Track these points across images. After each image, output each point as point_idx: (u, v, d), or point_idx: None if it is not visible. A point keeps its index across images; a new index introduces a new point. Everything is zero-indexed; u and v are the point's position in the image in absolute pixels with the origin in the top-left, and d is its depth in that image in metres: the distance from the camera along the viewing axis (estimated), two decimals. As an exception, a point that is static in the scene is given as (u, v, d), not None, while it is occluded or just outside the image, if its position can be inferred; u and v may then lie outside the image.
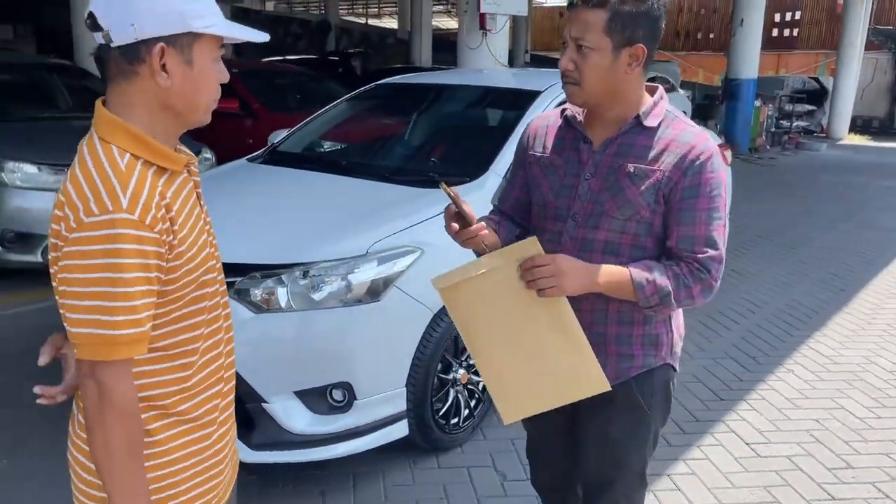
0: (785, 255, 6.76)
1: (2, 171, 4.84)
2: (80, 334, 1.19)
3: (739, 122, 14.36)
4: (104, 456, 1.23)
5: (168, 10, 1.21)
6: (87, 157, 1.22)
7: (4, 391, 3.59)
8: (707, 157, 1.65)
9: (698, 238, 1.64)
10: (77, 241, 1.16)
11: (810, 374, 4.14)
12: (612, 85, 1.64)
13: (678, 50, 32.95)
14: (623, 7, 1.58)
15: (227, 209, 3.31)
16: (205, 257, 1.33)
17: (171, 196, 1.25)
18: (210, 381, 1.39)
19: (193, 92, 1.28)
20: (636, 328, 1.75)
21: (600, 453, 1.86)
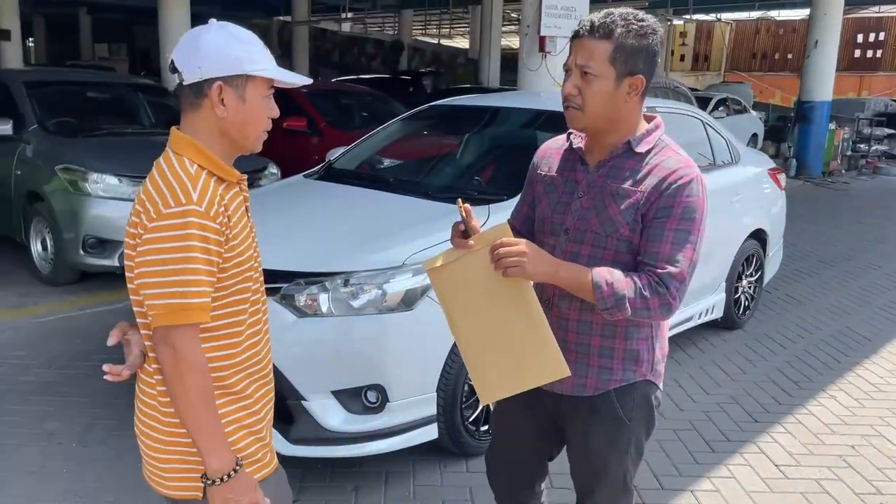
0: (846, 283, 6.63)
1: (86, 181, 5.28)
2: (158, 304, 1.44)
3: (812, 146, 14.01)
4: (186, 408, 1.47)
5: (227, 57, 1.51)
6: (164, 166, 1.51)
7: (79, 383, 3.94)
8: (686, 182, 1.75)
9: (662, 254, 1.73)
10: (156, 229, 1.44)
11: (853, 401, 4.10)
12: (612, 111, 1.77)
13: (755, 71, 32.30)
14: (627, 40, 1.72)
15: (278, 221, 3.58)
16: (249, 256, 1.59)
17: (227, 200, 1.53)
18: (251, 362, 1.62)
19: (245, 123, 1.56)
20: (618, 342, 1.85)
21: (582, 462, 1.97)
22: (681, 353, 4.72)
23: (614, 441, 1.90)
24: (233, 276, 1.54)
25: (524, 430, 2.07)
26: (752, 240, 5.16)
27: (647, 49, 1.74)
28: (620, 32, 1.72)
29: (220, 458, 1.49)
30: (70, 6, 25.92)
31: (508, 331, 1.76)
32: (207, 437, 1.49)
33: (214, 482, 1.50)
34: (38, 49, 30.49)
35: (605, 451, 1.91)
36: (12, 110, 5.94)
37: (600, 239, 1.80)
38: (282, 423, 3.00)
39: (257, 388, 1.65)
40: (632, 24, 1.73)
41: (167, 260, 1.43)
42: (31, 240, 5.69)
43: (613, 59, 1.72)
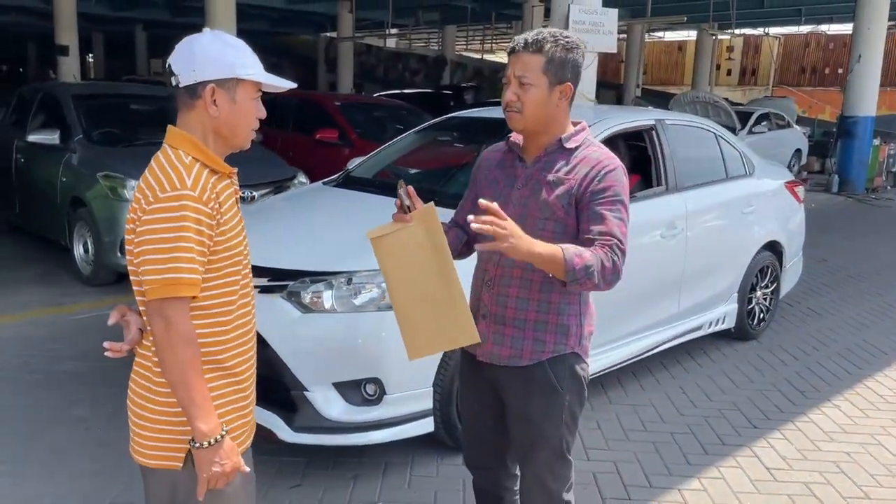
0: (870, 297, 6.57)
1: (125, 188, 5.60)
2: (153, 280, 1.59)
3: (855, 161, 13.78)
4: (176, 375, 1.61)
5: (220, 61, 1.68)
6: (161, 157, 1.68)
7: (108, 374, 4.21)
8: (612, 169, 2.01)
9: (606, 231, 1.94)
10: (154, 211, 1.59)
11: (857, 411, 4.12)
12: (546, 114, 2.03)
13: (804, 85, 31.73)
14: (556, 54, 2.00)
15: (291, 223, 3.80)
16: (239, 243, 1.75)
17: (219, 189, 1.69)
18: (240, 341, 1.78)
19: (235, 122, 1.73)
20: (551, 316, 2.05)
21: (520, 429, 2.13)
22: (691, 361, 4.78)
23: (549, 408, 2.07)
24: (223, 260, 1.69)
25: (477, 404, 2.26)
26: (766, 251, 5.19)
27: (572, 61, 2.02)
28: (550, 47, 1.98)
29: (207, 423, 1.63)
30: (127, 23, 26.99)
31: (432, 298, 1.95)
32: (196, 403, 1.62)
33: (202, 445, 1.63)
34: (96, 64, 31.80)
35: (541, 418, 2.08)
36: (61, 121, 6.34)
37: (539, 222, 2.02)
38: (285, 411, 3.20)
39: (246, 366, 1.80)
40: (559, 40, 2.00)
41: (163, 239, 1.58)
42: (74, 243, 6.04)
43: (546, 70, 1.99)
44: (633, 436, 3.72)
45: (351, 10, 20.40)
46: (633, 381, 4.40)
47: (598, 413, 3.96)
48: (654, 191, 4.38)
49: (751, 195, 5.05)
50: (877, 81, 13.74)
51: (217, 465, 1.66)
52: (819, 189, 13.94)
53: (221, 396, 1.74)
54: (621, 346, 4.13)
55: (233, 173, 1.78)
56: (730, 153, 5.09)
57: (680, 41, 34.84)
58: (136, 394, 1.76)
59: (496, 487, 2.36)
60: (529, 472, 2.17)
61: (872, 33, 13.36)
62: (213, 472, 1.67)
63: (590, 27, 8.01)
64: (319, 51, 28.26)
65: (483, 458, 2.34)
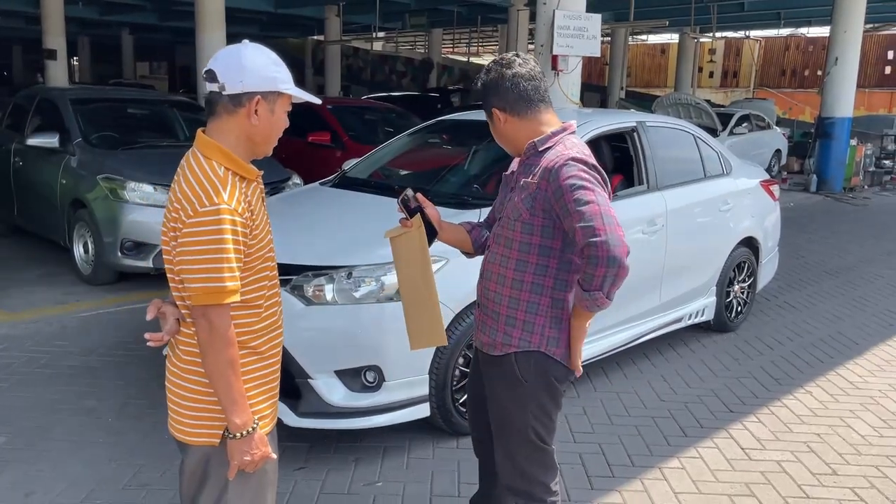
0: (846, 291, 6.84)
1: (125, 189, 5.77)
2: (197, 287, 1.73)
3: (833, 161, 14.13)
4: (217, 373, 1.77)
5: (266, 75, 1.83)
6: (196, 168, 1.79)
7: (115, 368, 4.38)
8: (560, 164, 2.10)
9: (577, 229, 2.05)
10: (194, 224, 1.72)
11: (827, 396, 4.36)
12: (505, 139, 2.29)
13: (785, 87, 32.25)
14: (479, 87, 2.26)
15: (292, 221, 3.99)
16: (267, 242, 1.92)
17: (250, 195, 1.84)
18: (271, 329, 1.96)
19: (270, 131, 1.89)
20: (519, 314, 2.23)
21: (492, 410, 2.36)
22: (671, 351, 5.02)
23: (513, 397, 2.27)
24: (256, 259, 1.85)
25: (476, 383, 2.49)
26: (743, 247, 5.44)
27: (491, 84, 2.22)
28: (478, 85, 2.25)
29: (241, 417, 1.80)
30: (113, 27, 26.99)
31: (420, 297, 2.23)
32: (233, 399, 1.79)
33: (235, 436, 1.81)
34: (82, 68, 31.74)
35: (506, 403, 2.29)
36: (59, 125, 6.49)
37: (510, 223, 2.23)
38: (290, 398, 3.39)
39: (275, 351, 1.99)
40: (481, 75, 2.25)
41: (204, 250, 1.72)
42: (74, 244, 6.20)
43: (484, 105, 2.25)
44: (617, 420, 3.94)
45: (338, 14, 20.59)
46: (617, 370, 4.63)
47: (583, 400, 4.18)
48: (636, 189, 4.61)
49: (728, 194, 5.29)
50: (853, 83, 14.09)
51: (248, 454, 1.84)
52: (798, 189, 14.28)
53: (255, 379, 1.91)
54: (605, 337, 4.35)
55: (259, 176, 1.93)
56: (707, 154, 5.33)
57: (663, 44, 35.30)
58: (178, 376, 1.90)
59: (490, 461, 2.55)
60: (500, 446, 2.36)
61: (849, 36, 13.70)
62: (243, 461, 1.85)
63: (574, 32, 8.24)
64: (307, 54, 28.40)
65: (478, 432, 2.57)
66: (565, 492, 3.20)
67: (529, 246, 2.19)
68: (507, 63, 2.21)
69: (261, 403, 1.93)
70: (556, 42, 8.06)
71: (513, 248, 2.22)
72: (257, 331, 1.91)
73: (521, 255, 2.21)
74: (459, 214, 3.75)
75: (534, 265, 2.20)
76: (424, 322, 2.25)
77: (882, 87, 29.77)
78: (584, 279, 2.07)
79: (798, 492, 3.29)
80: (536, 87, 2.22)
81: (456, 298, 3.49)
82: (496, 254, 2.28)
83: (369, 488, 3.23)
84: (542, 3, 8.25)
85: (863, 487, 3.35)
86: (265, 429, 1.94)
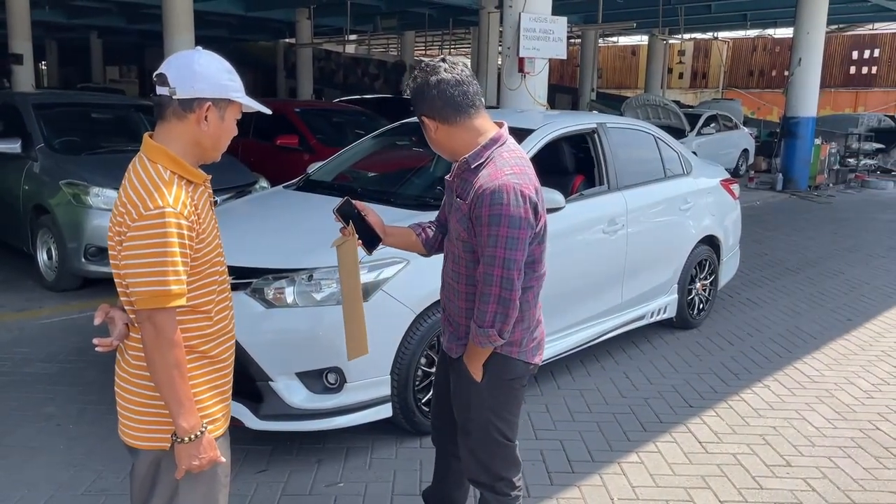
0: (806, 287, 6.98)
1: (88, 195, 5.73)
2: (142, 291, 1.73)
3: (798, 160, 14.39)
4: (163, 377, 1.77)
5: (218, 83, 1.85)
6: (141, 172, 1.80)
7: (75, 374, 4.35)
8: (489, 191, 2.09)
9: (483, 255, 2.15)
10: (139, 228, 1.72)
11: (784, 390, 4.46)
12: (439, 146, 2.27)
13: (752, 88, 32.72)
14: (410, 96, 2.23)
15: (253, 224, 4.00)
16: (215, 246, 1.93)
17: (196, 199, 1.85)
18: (221, 333, 1.97)
19: (219, 137, 1.91)
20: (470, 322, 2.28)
21: (454, 407, 2.44)
22: (634, 348, 5.09)
23: (472, 396, 2.34)
24: (204, 264, 1.86)
25: (441, 377, 2.58)
26: (704, 245, 5.53)
27: (417, 91, 2.18)
28: (408, 92, 2.26)
29: (189, 421, 1.80)
30: (81, 30, 26.66)
31: (353, 307, 2.33)
32: (180, 402, 1.79)
33: (183, 440, 1.81)
34: (50, 72, 31.30)
35: (465, 400, 2.37)
36: (21, 130, 6.41)
37: (455, 241, 2.28)
38: (251, 401, 3.40)
39: (227, 355, 1.99)
40: (409, 82, 2.25)
41: (149, 254, 1.73)
42: (37, 250, 6.13)
43: (415, 112, 2.24)
44: (579, 417, 4.00)
45: (309, 17, 20.54)
46: (580, 367, 4.69)
47: (546, 398, 4.23)
48: (597, 190, 4.68)
49: (688, 193, 5.39)
50: (817, 84, 14.36)
51: (195, 458, 1.84)
52: (765, 187, 14.52)
53: (206, 382, 1.92)
54: (568, 335, 4.41)
55: (207, 180, 1.95)
56: (668, 154, 5.42)
57: (633, 46, 35.66)
58: (126, 381, 1.90)
59: (444, 449, 2.66)
60: (464, 443, 2.43)
61: (811, 38, 13.97)
62: (191, 465, 1.85)
63: (540, 34, 8.31)
64: (279, 57, 28.27)
65: (437, 420, 2.65)
66: (525, 489, 3.24)
67: (474, 263, 2.23)
68: (431, 69, 2.16)
69: (213, 407, 1.94)
70: (522, 45, 8.13)
71: (460, 264, 2.28)
72: (208, 335, 1.92)
73: (468, 271, 2.26)
74: (424, 216, 3.77)
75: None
76: (356, 331, 2.31)
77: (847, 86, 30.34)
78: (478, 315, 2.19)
79: (752, 483, 3.36)
80: (465, 93, 2.15)
81: (417, 298, 3.53)
82: (448, 268, 2.35)
83: (331, 489, 3.25)
84: (509, 6, 8.31)
85: (815, 478, 3.43)
86: (217, 432, 1.95)
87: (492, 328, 2.16)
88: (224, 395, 2.00)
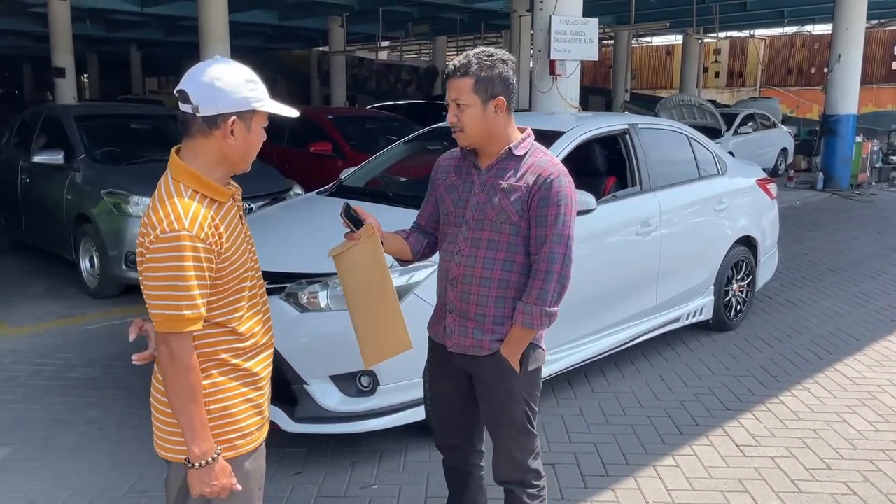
0: (848, 288, 6.82)
1: (128, 203, 5.86)
2: (157, 314, 1.74)
3: (838, 158, 14.08)
4: (177, 400, 1.78)
5: (240, 96, 1.81)
6: (163, 191, 1.79)
7: (117, 379, 4.46)
8: (554, 177, 2.25)
9: (546, 235, 2.22)
10: (155, 250, 1.72)
11: (825, 392, 4.37)
12: (485, 128, 2.26)
13: (791, 86, 32.11)
14: (481, 73, 2.21)
15: (287, 231, 4.06)
16: (244, 261, 1.92)
17: (219, 219, 1.82)
18: (254, 349, 1.96)
19: (248, 149, 1.88)
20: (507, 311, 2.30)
21: (487, 408, 2.40)
22: (670, 351, 5.03)
23: (510, 390, 2.33)
24: (229, 281, 1.84)
25: (449, 389, 2.51)
26: (740, 246, 5.45)
27: (498, 76, 2.23)
28: (475, 68, 2.21)
29: (201, 447, 1.79)
30: (121, 43, 27.30)
31: (376, 309, 2.23)
32: (193, 427, 1.78)
33: (194, 465, 1.80)
34: (92, 85, 32.12)
35: (504, 399, 2.34)
36: (64, 142, 6.60)
37: (496, 225, 2.28)
38: (286, 404, 3.44)
39: (262, 367, 1.98)
40: (483, 60, 2.23)
41: (164, 277, 1.71)
42: (80, 258, 6.29)
43: (476, 90, 2.22)
44: (613, 420, 3.97)
45: (342, 25, 20.73)
46: (615, 370, 4.65)
47: (580, 401, 4.21)
48: (629, 191, 4.64)
49: (723, 193, 5.31)
50: (857, 80, 14.04)
51: (207, 485, 1.83)
52: (805, 186, 14.24)
53: (238, 396, 1.91)
54: (601, 338, 4.39)
55: (234, 194, 1.94)
56: (702, 154, 5.36)
57: (668, 45, 35.26)
58: (160, 392, 1.89)
59: (464, 464, 2.61)
60: (499, 446, 2.42)
61: (851, 33, 13.67)
62: (203, 491, 1.83)
63: (571, 37, 8.30)
64: (312, 65, 28.58)
65: (452, 438, 2.59)
66: (559, 491, 3.24)
67: (516, 247, 2.27)
68: (511, 62, 2.26)
69: (245, 420, 1.93)
70: (553, 47, 8.13)
71: (499, 250, 2.28)
72: (239, 349, 1.90)
73: (507, 256, 2.28)
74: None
75: (519, 265, 2.29)
76: (387, 332, 2.24)
77: (889, 82, 29.62)
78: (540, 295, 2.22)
79: (791, 487, 3.30)
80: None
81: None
82: (474, 257, 2.30)
83: (365, 491, 3.27)
84: (539, 9, 8.32)
85: (857, 482, 3.35)
86: (248, 447, 1.94)
87: (555, 307, 2.24)
88: (258, 408, 1.98)
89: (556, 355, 3.98)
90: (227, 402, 1.89)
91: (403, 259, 2.54)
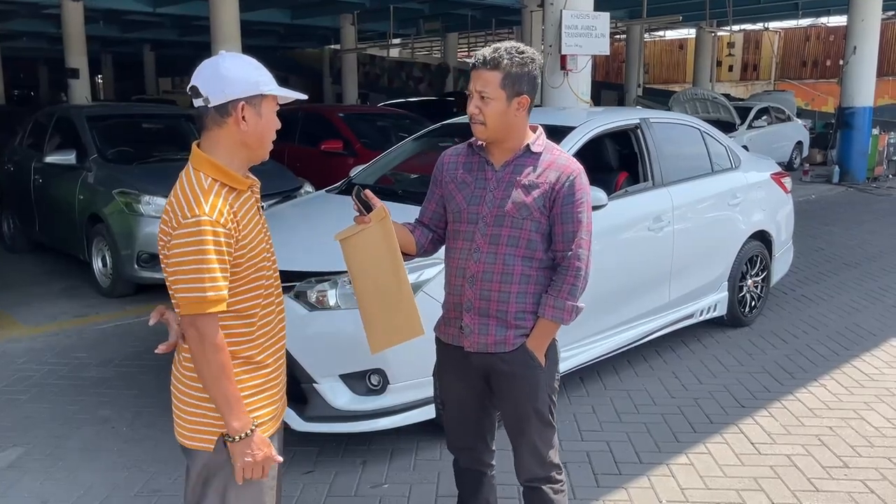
0: (865, 283, 6.73)
1: (140, 203, 5.89)
2: (182, 297, 1.79)
3: (854, 152, 13.92)
4: (210, 379, 1.82)
5: (246, 81, 1.86)
6: (184, 181, 1.85)
7: (130, 378, 4.47)
8: (576, 175, 2.27)
9: (572, 231, 2.25)
10: (178, 236, 1.78)
11: (842, 389, 4.31)
12: (506, 124, 2.24)
13: (806, 78, 31.79)
14: (511, 69, 2.18)
15: (296, 228, 4.05)
16: (260, 250, 1.94)
17: (237, 206, 1.87)
18: (267, 338, 1.98)
19: (262, 134, 1.92)
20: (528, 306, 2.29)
21: (512, 406, 2.36)
22: (684, 348, 4.99)
23: (535, 384, 2.31)
24: (247, 269, 1.88)
25: (463, 391, 2.46)
26: (755, 241, 5.39)
27: (527, 75, 2.22)
28: (506, 63, 2.18)
29: (239, 420, 1.84)
30: (135, 44, 27.44)
31: (387, 294, 2.19)
32: (228, 403, 1.83)
33: (235, 439, 1.85)
34: (105, 85, 32.32)
35: (529, 394, 2.32)
36: (76, 142, 6.64)
37: (517, 221, 2.25)
38: (296, 403, 3.43)
39: (274, 359, 2.01)
40: (514, 56, 2.19)
41: (188, 261, 1.77)
42: (92, 257, 6.33)
43: (503, 85, 2.19)
44: (626, 418, 3.93)
45: (353, 23, 20.73)
46: (628, 367, 4.61)
47: (593, 399, 4.17)
48: (641, 186, 4.60)
49: (737, 188, 5.25)
50: (873, 72, 13.88)
51: (249, 455, 1.87)
52: (821, 180, 14.08)
53: (252, 388, 1.94)
54: (614, 335, 4.35)
55: (253, 185, 1.97)
56: (715, 148, 5.30)
57: (681, 39, 34.99)
58: (180, 381, 1.94)
59: (478, 465, 2.58)
60: (523, 443, 2.39)
61: (866, 25, 13.50)
62: (245, 462, 1.89)
63: (582, 31, 8.23)
64: (325, 63, 28.62)
65: (467, 440, 2.55)
66: (571, 490, 3.21)
67: (537, 243, 2.27)
68: (539, 62, 2.24)
69: (258, 411, 1.95)
70: (564, 42, 8.06)
71: (520, 246, 2.26)
72: (252, 340, 1.93)
73: (527, 252, 2.27)
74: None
75: (538, 260, 2.29)
76: (398, 318, 2.19)
77: (909, 74, 29.26)
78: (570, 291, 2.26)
79: (808, 485, 3.26)
80: None
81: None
82: (494, 254, 2.26)
83: (376, 490, 3.26)
84: (550, 4, 8.25)
85: (874, 480, 3.30)
86: (265, 434, 1.96)
87: (579, 302, 2.27)
88: (271, 398, 2.01)
89: (568, 352, 3.95)
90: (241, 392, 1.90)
91: (407, 252, 2.48)
